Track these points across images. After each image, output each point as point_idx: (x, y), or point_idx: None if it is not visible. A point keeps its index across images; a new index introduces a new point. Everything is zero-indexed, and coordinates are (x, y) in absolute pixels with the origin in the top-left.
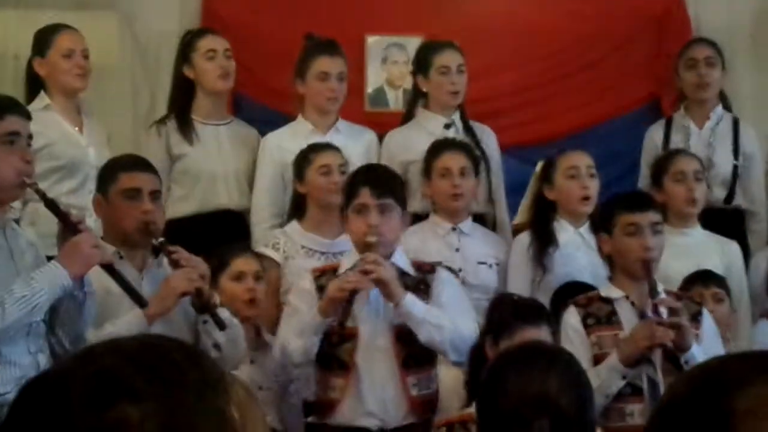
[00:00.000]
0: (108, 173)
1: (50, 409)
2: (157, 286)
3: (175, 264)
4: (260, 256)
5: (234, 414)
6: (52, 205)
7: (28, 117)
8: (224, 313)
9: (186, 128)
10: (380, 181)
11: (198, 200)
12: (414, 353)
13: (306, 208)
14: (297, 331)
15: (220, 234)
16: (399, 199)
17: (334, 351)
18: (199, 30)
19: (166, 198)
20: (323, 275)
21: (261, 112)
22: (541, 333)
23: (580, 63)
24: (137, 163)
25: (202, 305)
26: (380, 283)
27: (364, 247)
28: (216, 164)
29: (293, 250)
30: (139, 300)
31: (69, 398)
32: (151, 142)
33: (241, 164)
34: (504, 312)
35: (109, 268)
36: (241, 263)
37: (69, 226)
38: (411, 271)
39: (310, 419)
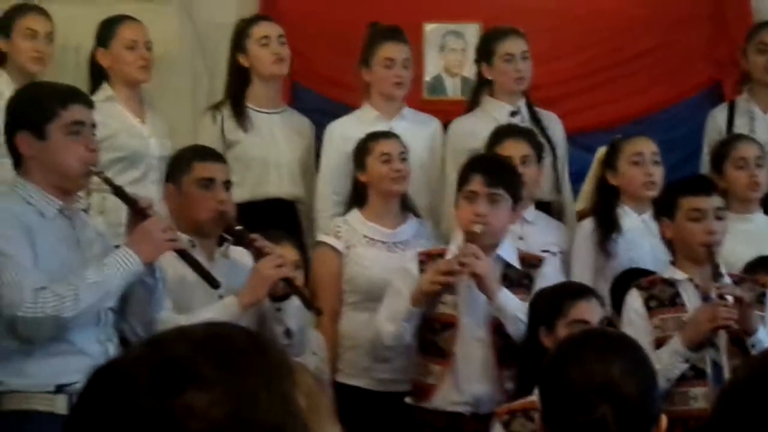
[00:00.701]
0: (181, 163)
1: (118, 397)
2: (225, 275)
3: (259, 252)
4: (318, 245)
5: (301, 401)
6: (119, 191)
7: (91, 106)
8: (296, 300)
9: (240, 115)
10: (494, 170)
11: (249, 188)
12: (512, 347)
13: (367, 197)
14: (389, 316)
15: (269, 222)
16: (511, 192)
17: (434, 338)
18: (252, 17)
19: None
20: (429, 260)
21: (319, 101)
22: (591, 306)
23: (638, 48)
24: (211, 153)
25: (290, 292)
26: (475, 278)
27: (468, 235)
28: (269, 152)
29: (355, 239)
30: (212, 282)
31: (137, 386)
32: (205, 127)
33: (293, 153)
34: (549, 297)
35: (181, 253)
36: (282, 252)
37: (138, 212)
38: (517, 264)
39: (407, 400)
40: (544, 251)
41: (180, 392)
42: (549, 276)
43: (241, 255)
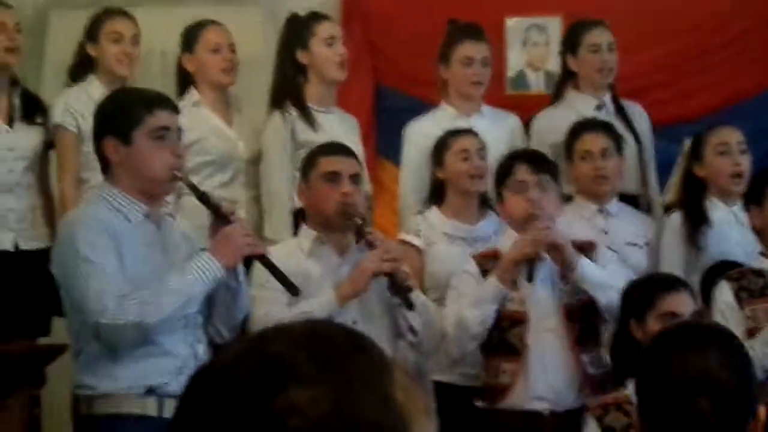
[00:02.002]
0: (309, 160)
1: (219, 397)
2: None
3: (370, 245)
4: (399, 243)
5: (399, 399)
6: (203, 197)
7: (176, 111)
8: (419, 297)
9: (308, 115)
10: (537, 157)
11: None
12: (585, 330)
13: (445, 194)
14: (473, 302)
15: None
16: (556, 178)
17: (504, 335)
18: (314, 13)
19: (292, 188)
20: (486, 260)
21: (405, 101)
22: (683, 298)
23: (724, 36)
24: (337, 148)
25: (396, 287)
26: (554, 248)
27: (526, 221)
28: None
29: (435, 236)
30: (291, 289)
31: (239, 385)
32: (277, 127)
33: (355, 150)
34: (639, 289)
35: (260, 258)
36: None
37: (220, 218)
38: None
39: (478, 404)
40: (630, 244)
41: (281, 390)
42: (608, 258)
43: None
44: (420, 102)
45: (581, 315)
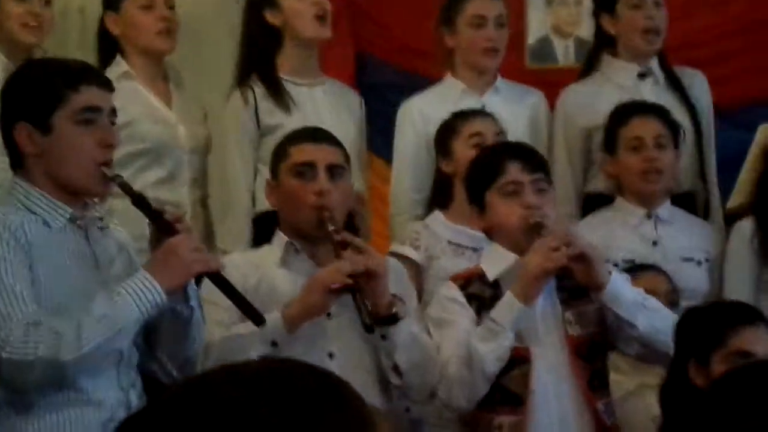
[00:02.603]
0: (278, 150)
1: None
2: None
3: (338, 257)
4: (390, 256)
5: None
6: (140, 200)
7: (109, 87)
8: (407, 328)
9: (278, 91)
10: (531, 154)
11: None
12: (597, 372)
13: (452, 195)
14: (481, 335)
15: None
16: (550, 180)
17: (499, 380)
18: None
19: (253, 186)
20: (470, 283)
21: (391, 74)
22: (759, 334)
23: None
24: (310, 133)
25: (356, 305)
26: (581, 260)
27: (524, 233)
28: None
29: (437, 247)
30: (255, 317)
31: None
32: (235, 110)
33: (347, 136)
34: (702, 322)
35: (214, 277)
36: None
37: (162, 227)
38: None
39: None
40: (686, 259)
41: None
42: (620, 277)
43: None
44: (414, 77)
45: (591, 351)
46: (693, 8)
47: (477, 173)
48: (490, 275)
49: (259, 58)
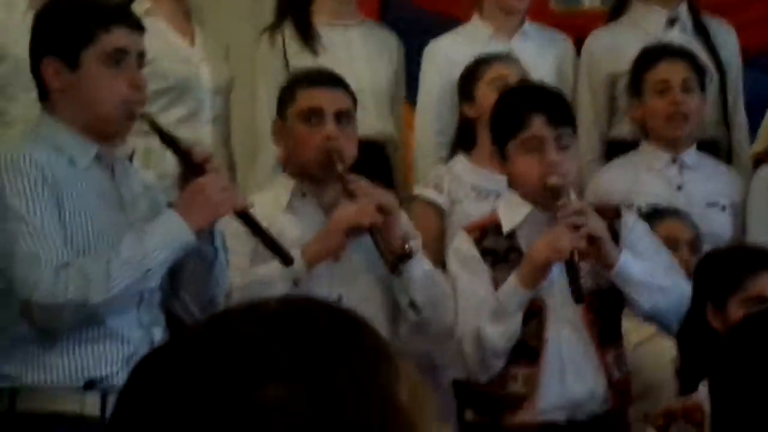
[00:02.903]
0: (285, 92)
1: (175, 391)
2: None
3: (351, 195)
4: (414, 199)
5: (402, 400)
6: (169, 139)
7: (140, 29)
8: (421, 265)
9: (308, 33)
10: (556, 105)
11: None
12: (609, 325)
13: (476, 137)
14: (490, 315)
15: (357, 171)
16: (575, 130)
17: None
18: None
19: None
20: (486, 235)
21: (416, 15)
22: None
23: None
24: (319, 77)
25: (378, 247)
26: (592, 241)
27: (544, 192)
28: (349, 80)
29: (461, 191)
30: (284, 256)
31: (199, 377)
32: (263, 54)
33: (380, 80)
34: (720, 266)
35: (244, 217)
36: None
37: (191, 167)
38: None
39: (469, 417)
40: (711, 204)
41: (253, 386)
42: (637, 226)
43: None
44: (439, 19)
45: (603, 304)
46: None
47: (501, 121)
48: (505, 227)
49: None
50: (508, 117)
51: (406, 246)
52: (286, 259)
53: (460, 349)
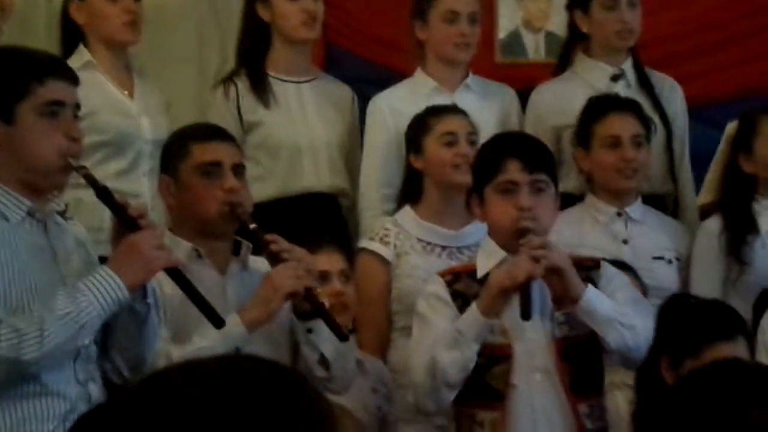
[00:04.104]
0: (176, 147)
1: None
2: (245, 292)
3: (275, 258)
4: (360, 252)
5: None
6: (104, 193)
7: (75, 81)
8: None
9: (261, 87)
10: (532, 151)
11: (279, 181)
12: (583, 373)
13: (423, 190)
14: (447, 343)
15: (305, 224)
16: (553, 177)
17: (482, 376)
18: None
19: None
20: (457, 280)
21: (361, 67)
22: (737, 349)
23: None
24: (213, 132)
25: (312, 308)
26: (555, 273)
27: (514, 234)
28: (301, 134)
29: (407, 244)
30: (214, 318)
31: None
32: (217, 106)
33: (332, 133)
34: (684, 323)
35: (176, 275)
36: (323, 261)
37: (126, 222)
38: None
39: None
40: (657, 258)
41: None
42: (616, 277)
43: (265, 265)
44: (383, 70)
45: (579, 353)
46: (663, 5)
47: (479, 166)
48: (480, 271)
49: (248, 51)
50: (485, 161)
51: (324, 301)
52: (217, 321)
53: (413, 378)
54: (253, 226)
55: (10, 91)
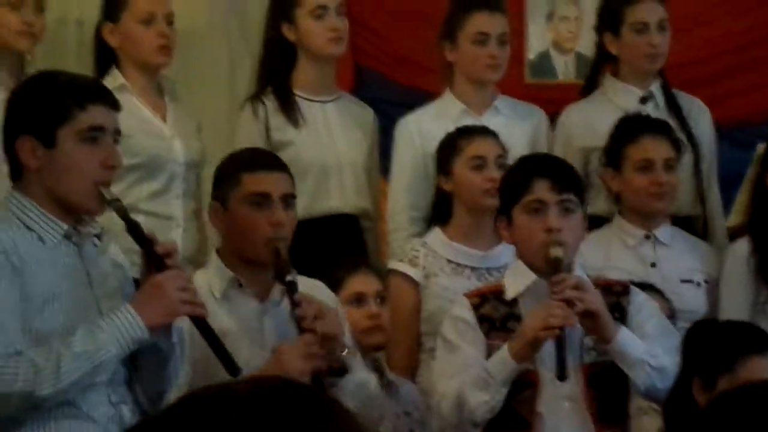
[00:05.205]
0: (227, 175)
1: None
2: (284, 322)
3: (295, 305)
4: (389, 274)
5: None
6: (134, 229)
7: (115, 107)
8: (356, 375)
9: (290, 106)
10: (560, 171)
11: (305, 202)
12: (610, 400)
13: (452, 212)
14: (476, 382)
15: (331, 245)
16: (581, 198)
17: (508, 402)
18: None
19: None
20: (485, 302)
21: (390, 89)
22: None
23: None
24: (265, 161)
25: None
26: (589, 316)
27: (546, 263)
28: (328, 154)
29: (436, 266)
30: (232, 366)
31: None
32: (246, 125)
33: (357, 153)
34: (714, 341)
35: (197, 322)
36: (359, 282)
37: (153, 258)
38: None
39: None
40: (685, 281)
41: None
42: (645, 304)
43: (311, 289)
44: (412, 92)
45: (606, 379)
46: (691, 26)
47: (507, 186)
48: (510, 293)
49: (274, 71)
50: (513, 182)
51: (344, 361)
52: (234, 370)
53: (438, 408)
54: (290, 278)
55: (52, 116)
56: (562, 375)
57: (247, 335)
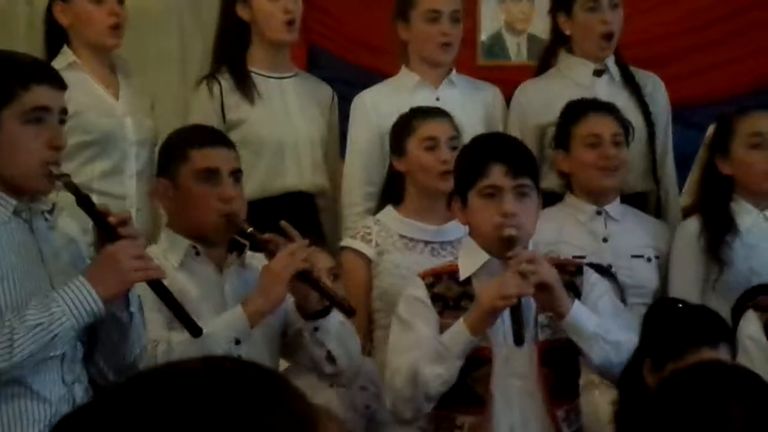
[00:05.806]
0: (174, 151)
1: None
2: (243, 289)
3: (274, 254)
4: (341, 250)
5: None
6: (85, 202)
7: (61, 86)
8: (337, 316)
9: (245, 83)
10: (516, 155)
11: (260, 179)
12: (562, 377)
13: (405, 191)
14: (430, 356)
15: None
16: (536, 181)
17: (463, 380)
18: None
19: None
20: (438, 281)
21: (343, 68)
22: (720, 355)
23: None
24: (212, 137)
25: (318, 289)
26: (543, 288)
27: (499, 243)
28: (284, 131)
29: (389, 242)
30: (192, 328)
31: None
32: (200, 104)
33: (314, 130)
34: (669, 327)
35: (156, 286)
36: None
37: (106, 231)
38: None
39: None
40: (636, 256)
41: None
42: (598, 284)
43: (262, 262)
44: (365, 72)
45: (560, 356)
46: (646, 7)
47: (462, 169)
48: (462, 273)
49: (229, 49)
50: (468, 165)
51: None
52: (195, 331)
53: (391, 383)
54: (250, 230)
55: None
56: (519, 339)
57: (209, 299)
